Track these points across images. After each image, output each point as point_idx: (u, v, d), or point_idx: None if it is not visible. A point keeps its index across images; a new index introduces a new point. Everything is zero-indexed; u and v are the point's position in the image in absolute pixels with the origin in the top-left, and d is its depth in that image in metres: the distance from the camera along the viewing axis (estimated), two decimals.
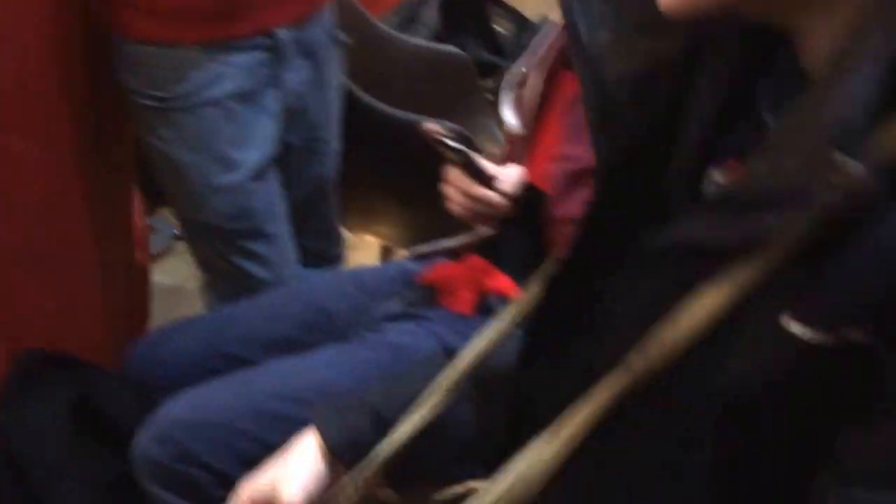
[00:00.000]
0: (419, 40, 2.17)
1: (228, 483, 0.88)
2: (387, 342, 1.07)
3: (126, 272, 1.56)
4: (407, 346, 1.05)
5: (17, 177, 1.23)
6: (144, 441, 0.98)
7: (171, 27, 1.23)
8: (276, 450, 0.81)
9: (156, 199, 1.67)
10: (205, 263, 1.44)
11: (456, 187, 1.07)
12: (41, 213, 1.30)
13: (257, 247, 1.37)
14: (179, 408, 1.00)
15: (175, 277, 1.96)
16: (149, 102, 1.26)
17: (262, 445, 0.92)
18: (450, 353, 1.04)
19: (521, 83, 1.19)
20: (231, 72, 1.26)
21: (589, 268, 0.59)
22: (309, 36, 1.35)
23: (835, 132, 0.39)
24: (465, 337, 1.06)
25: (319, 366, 1.04)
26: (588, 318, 0.59)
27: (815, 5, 0.44)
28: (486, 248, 1.19)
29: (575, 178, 0.98)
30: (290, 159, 1.42)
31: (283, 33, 1.29)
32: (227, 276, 1.41)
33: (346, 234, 1.71)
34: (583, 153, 0.97)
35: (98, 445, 1.25)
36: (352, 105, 1.62)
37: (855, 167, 0.38)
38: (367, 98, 1.65)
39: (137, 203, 1.58)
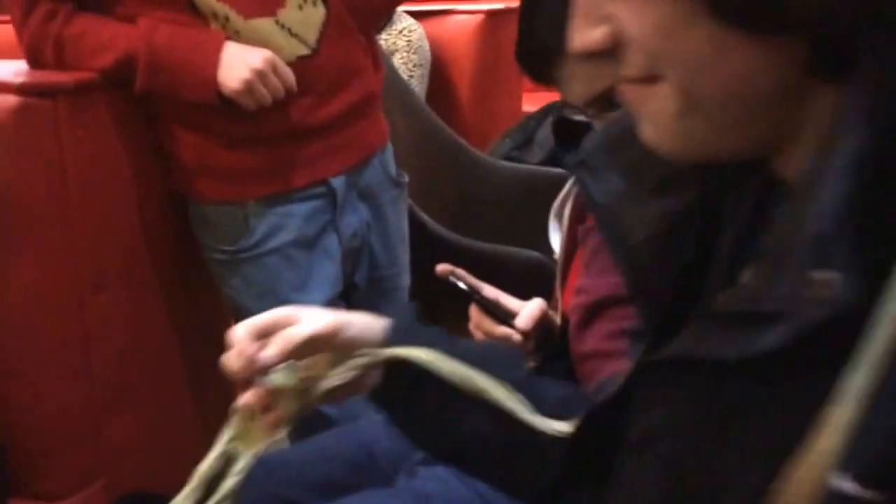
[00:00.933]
0: (512, 164, 2.22)
1: None
2: (414, 491, 1.05)
3: (221, 409, 1.65)
4: (434, 495, 1.03)
5: (107, 327, 1.35)
6: None
7: (235, 187, 1.34)
8: None
9: None
10: None
11: (476, 325, 1.07)
12: (134, 357, 1.41)
13: None
14: None
15: None
16: (218, 256, 1.37)
17: None
18: (483, 500, 1.03)
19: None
20: (290, 222, 1.35)
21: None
22: (365, 180, 1.43)
23: (810, 250, 0.40)
24: None
25: None
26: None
27: (783, 136, 0.47)
28: None
29: (592, 311, 0.94)
30: (356, 298, 1.48)
31: (337, 181, 1.37)
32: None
33: None
34: (597, 284, 0.94)
35: None
36: (425, 237, 1.68)
37: (833, 280, 0.39)
38: (438, 229, 1.70)
39: None
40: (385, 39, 2.69)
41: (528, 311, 1.06)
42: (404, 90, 2.18)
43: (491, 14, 2.87)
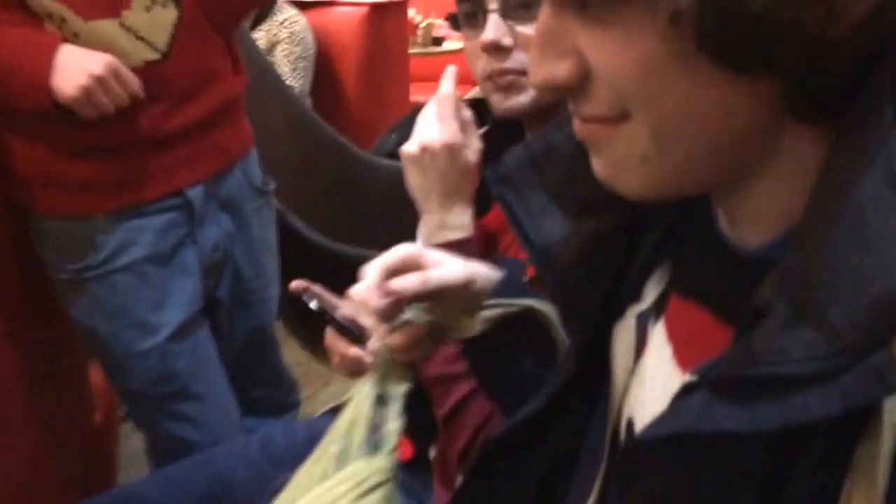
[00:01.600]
0: (393, 163, 2.17)
1: None
2: None
3: (81, 437, 1.55)
4: None
5: None
6: None
7: (80, 200, 1.24)
8: None
9: None
10: (141, 428, 1.42)
11: (330, 345, 1.03)
12: None
13: (186, 408, 1.34)
14: None
15: None
16: (63, 276, 1.27)
17: None
18: None
19: None
20: (143, 236, 1.26)
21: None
22: (226, 189, 1.35)
23: (891, 303, 0.36)
24: None
25: None
26: None
27: (745, 172, 0.46)
28: None
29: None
30: (220, 314, 1.40)
31: (194, 192, 1.29)
32: (159, 441, 1.38)
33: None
34: None
35: None
36: (297, 243, 1.61)
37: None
38: (311, 235, 1.64)
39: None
40: (266, 31, 2.59)
41: (380, 331, 1.03)
42: (281, 87, 2.10)
43: (376, 6, 2.81)
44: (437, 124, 0.91)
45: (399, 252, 0.72)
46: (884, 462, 0.37)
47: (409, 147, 0.92)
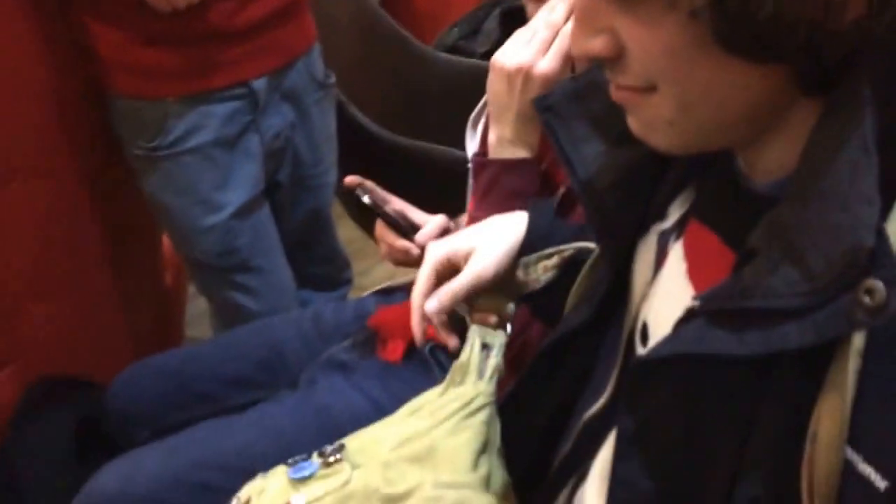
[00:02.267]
0: (454, 58, 2.19)
1: None
2: (312, 403, 1.11)
3: (153, 297, 1.70)
4: (330, 406, 1.10)
5: (18, 218, 1.36)
6: None
7: (153, 83, 1.33)
8: None
9: None
10: (206, 295, 1.55)
11: (379, 236, 1.12)
12: (52, 246, 1.42)
13: (247, 280, 1.46)
14: (108, 480, 1.05)
15: None
16: (138, 152, 1.38)
17: None
18: (377, 407, 1.10)
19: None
20: (210, 122, 1.35)
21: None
22: (288, 82, 1.42)
23: (860, 258, 0.42)
24: (391, 390, 1.12)
25: (242, 430, 1.09)
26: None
27: (760, 135, 0.52)
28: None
29: None
30: (280, 196, 1.51)
31: (258, 83, 1.37)
32: (222, 308, 1.51)
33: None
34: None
35: (99, 462, 1.38)
36: (356, 133, 1.68)
37: (882, 289, 0.41)
38: (369, 125, 1.71)
39: None
40: None
41: (429, 226, 1.11)
42: None
43: None
44: (547, 55, 0.90)
45: (437, 254, 0.81)
46: (851, 377, 0.44)
47: (507, 61, 0.91)
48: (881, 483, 0.42)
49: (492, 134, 0.95)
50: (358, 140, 1.72)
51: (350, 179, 1.13)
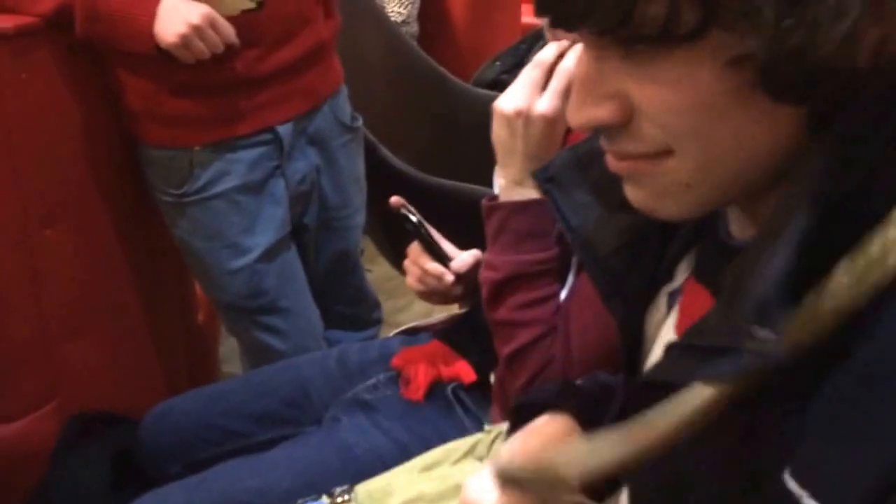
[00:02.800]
0: (493, 93, 2.20)
1: None
2: (334, 442, 1.13)
3: (185, 335, 1.74)
4: (353, 446, 1.11)
5: (56, 261, 1.42)
6: None
7: (180, 133, 1.38)
8: None
9: None
10: (234, 335, 1.58)
11: (413, 261, 1.12)
12: (87, 289, 1.48)
13: (274, 321, 1.49)
14: None
15: None
16: (167, 198, 1.42)
17: None
18: (399, 446, 1.11)
19: None
20: (236, 167, 1.39)
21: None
22: (314, 126, 1.46)
23: (755, 309, 0.44)
24: (413, 430, 1.13)
25: (266, 468, 1.11)
26: None
27: (771, 184, 0.51)
28: (456, 331, 1.23)
29: (501, 286, 0.96)
30: (307, 238, 1.54)
31: (283, 129, 1.41)
32: (250, 348, 1.54)
33: None
34: (504, 262, 0.96)
35: (132, 494, 1.41)
36: (386, 174, 1.71)
37: (769, 341, 0.43)
38: (399, 166, 1.73)
39: None
40: None
41: (464, 256, 1.11)
42: (380, 15, 2.15)
43: None
44: (544, 95, 0.91)
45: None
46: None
47: (505, 106, 0.92)
48: None
49: (500, 178, 0.96)
50: (388, 181, 1.74)
51: (396, 199, 1.13)
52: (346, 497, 0.76)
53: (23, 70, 1.29)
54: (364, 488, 0.79)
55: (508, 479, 0.60)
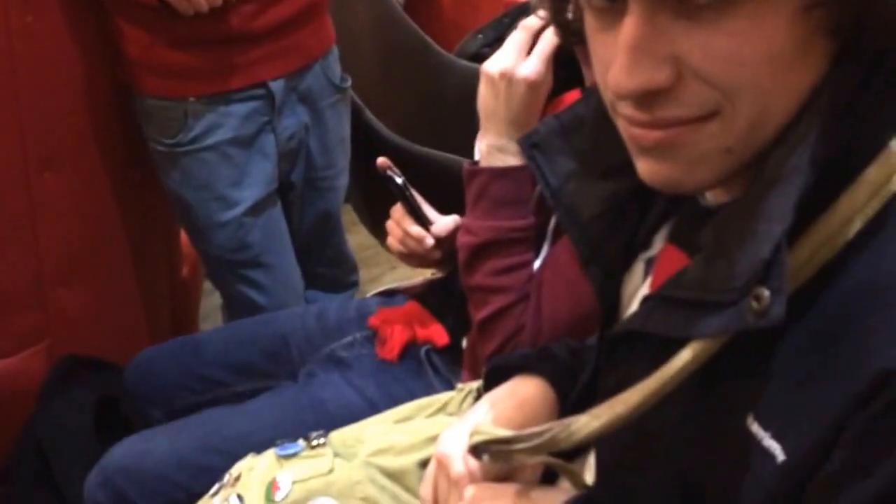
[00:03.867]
0: (475, 65, 2.22)
1: None
2: (309, 396, 1.17)
3: (169, 287, 1.76)
4: (326, 401, 1.16)
5: (54, 206, 1.44)
6: (91, 484, 1.13)
7: (175, 84, 1.40)
8: (199, 496, 0.91)
9: None
10: (218, 288, 1.62)
11: (395, 222, 1.15)
12: (82, 234, 1.50)
13: (257, 275, 1.52)
14: (121, 456, 1.13)
15: None
16: (160, 148, 1.44)
17: (187, 492, 1.05)
18: (370, 404, 1.15)
19: None
20: (228, 121, 1.41)
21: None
22: (305, 84, 1.48)
23: (757, 268, 0.47)
24: (385, 388, 1.17)
25: (244, 419, 1.15)
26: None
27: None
28: (433, 294, 1.27)
29: (478, 250, 0.99)
30: (292, 196, 1.57)
31: (275, 85, 1.43)
32: (233, 301, 1.57)
33: None
34: (482, 227, 0.98)
35: (115, 437, 1.46)
36: (370, 138, 1.73)
37: (767, 297, 0.46)
38: (383, 132, 1.75)
39: None
40: None
41: (444, 221, 1.14)
42: None
43: None
44: (527, 58, 0.92)
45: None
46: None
47: (491, 67, 0.94)
48: (781, 456, 0.47)
49: (481, 142, 0.98)
50: (371, 145, 1.77)
51: (382, 161, 1.16)
52: (322, 441, 0.81)
53: (29, 13, 1.31)
54: (338, 435, 0.84)
55: (482, 449, 0.61)
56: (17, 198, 1.39)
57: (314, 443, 0.80)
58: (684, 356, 0.51)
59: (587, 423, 0.55)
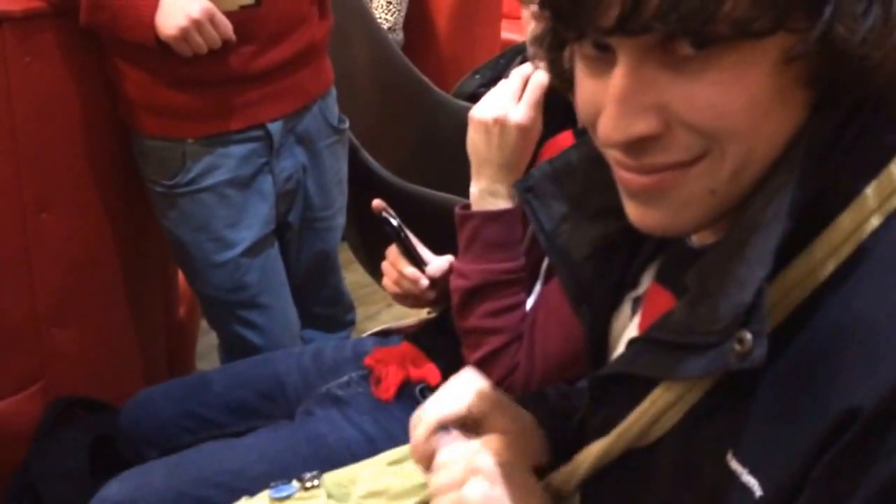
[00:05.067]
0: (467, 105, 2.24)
1: None
2: (307, 432, 1.16)
3: (166, 328, 1.76)
4: (324, 436, 1.15)
5: (49, 246, 1.44)
6: None
7: (174, 124, 1.41)
8: None
9: None
10: (214, 328, 1.61)
11: (390, 263, 1.16)
12: (77, 275, 1.50)
13: (254, 316, 1.52)
14: (117, 491, 1.12)
15: None
16: (158, 189, 1.45)
17: None
18: (368, 440, 1.15)
19: None
20: (226, 162, 1.42)
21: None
22: (303, 125, 1.49)
23: (742, 313, 0.48)
24: (382, 426, 1.17)
25: (242, 453, 1.14)
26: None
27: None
28: (427, 334, 1.27)
29: (471, 294, 1.00)
30: (290, 236, 1.57)
31: (274, 126, 1.44)
32: (229, 341, 1.57)
33: None
34: (474, 271, 1.00)
35: (111, 478, 1.44)
36: (367, 179, 1.75)
37: (749, 340, 0.47)
38: (381, 172, 1.77)
39: None
40: None
41: (439, 262, 1.14)
42: (369, 23, 2.18)
43: None
44: (519, 104, 0.94)
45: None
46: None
47: (483, 114, 0.95)
48: (759, 492, 0.48)
49: (473, 186, 0.99)
50: (367, 184, 1.78)
51: (377, 202, 1.17)
52: (315, 482, 0.80)
53: (27, 54, 1.32)
54: (331, 476, 0.83)
55: None
56: (13, 238, 1.39)
57: (308, 484, 0.80)
58: (666, 397, 0.52)
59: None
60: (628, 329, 0.67)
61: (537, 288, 1.01)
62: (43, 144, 1.39)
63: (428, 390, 1.20)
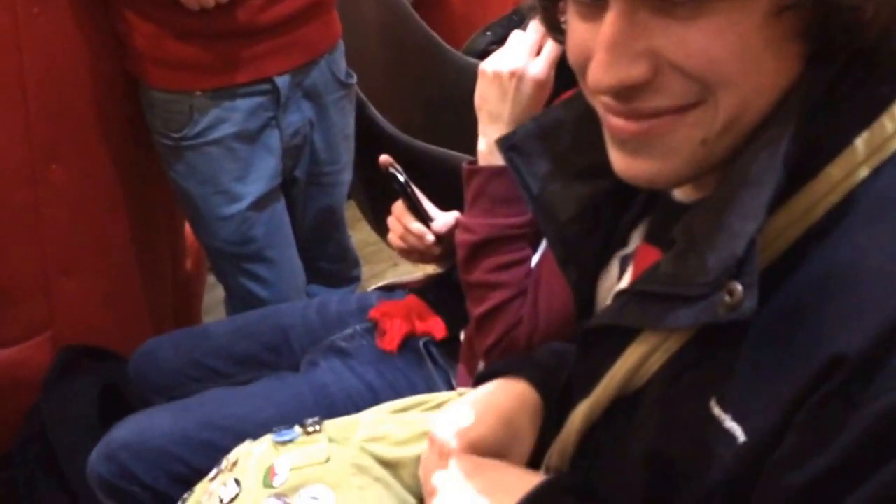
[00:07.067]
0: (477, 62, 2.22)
1: (162, 498, 1.08)
2: (311, 381, 1.19)
3: (173, 279, 1.78)
4: (328, 385, 1.17)
5: (59, 197, 1.46)
6: (95, 459, 1.14)
7: (181, 77, 1.41)
8: (203, 472, 0.92)
9: None
10: (221, 281, 1.63)
11: (396, 218, 1.17)
12: (86, 226, 1.52)
13: (259, 269, 1.54)
14: (125, 432, 1.14)
15: None
16: (165, 141, 1.46)
17: (190, 468, 1.07)
18: (371, 390, 1.17)
19: None
20: (233, 115, 1.43)
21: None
22: (310, 80, 1.49)
23: (730, 264, 0.48)
24: (385, 377, 1.19)
25: (247, 399, 1.17)
26: None
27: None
28: (432, 289, 1.29)
29: (477, 248, 1.00)
30: (296, 191, 1.58)
31: (281, 80, 1.44)
32: (235, 294, 1.59)
33: None
34: (481, 225, 0.99)
35: None
36: (374, 135, 1.75)
37: (740, 291, 0.48)
38: (388, 128, 1.77)
39: None
40: None
41: (445, 217, 1.15)
42: None
43: None
44: (538, 59, 0.93)
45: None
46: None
47: (498, 66, 0.94)
48: (742, 438, 0.49)
49: (482, 141, 0.98)
50: (374, 140, 1.78)
51: (384, 158, 1.17)
52: (317, 427, 0.82)
53: (36, 5, 1.32)
54: (333, 422, 0.85)
55: None
56: (22, 188, 1.41)
57: (310, 429, 0.82)
58: (651, 341, 0.53)
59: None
60: (616, 288, 0.67)
61: (542, 245, 1.02)
62: (52, 96, 1.40)
63: (432, 344, 1.22)
